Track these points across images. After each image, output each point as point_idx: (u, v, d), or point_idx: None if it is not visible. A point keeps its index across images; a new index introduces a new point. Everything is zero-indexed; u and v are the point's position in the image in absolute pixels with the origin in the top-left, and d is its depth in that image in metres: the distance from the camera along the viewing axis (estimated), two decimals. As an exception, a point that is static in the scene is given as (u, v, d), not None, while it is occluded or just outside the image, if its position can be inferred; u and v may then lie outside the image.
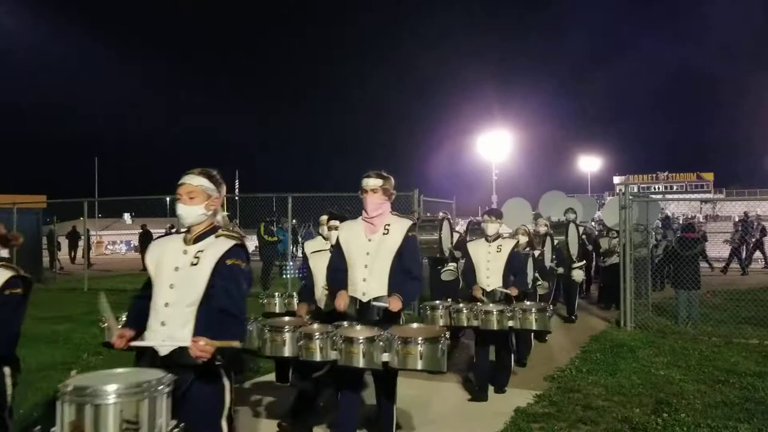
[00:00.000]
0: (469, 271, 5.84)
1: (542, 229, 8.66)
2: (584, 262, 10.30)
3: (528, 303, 5.50)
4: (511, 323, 5.21)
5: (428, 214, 10.22)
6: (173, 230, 4.17)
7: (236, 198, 25.64)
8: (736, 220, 19.44)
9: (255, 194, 15.23)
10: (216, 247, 2.76)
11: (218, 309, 2.67)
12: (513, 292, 5.61)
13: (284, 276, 14.42)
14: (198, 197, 2.82)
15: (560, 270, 9.05)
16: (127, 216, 41.96)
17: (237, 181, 50.22)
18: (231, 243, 2.79)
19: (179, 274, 2.73)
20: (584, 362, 6.77)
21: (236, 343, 2.59)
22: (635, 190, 57.32)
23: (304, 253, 5.05)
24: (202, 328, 2.65)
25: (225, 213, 3.05)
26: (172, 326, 2.68)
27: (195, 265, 2.73)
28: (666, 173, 68.82)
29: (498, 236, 5.76)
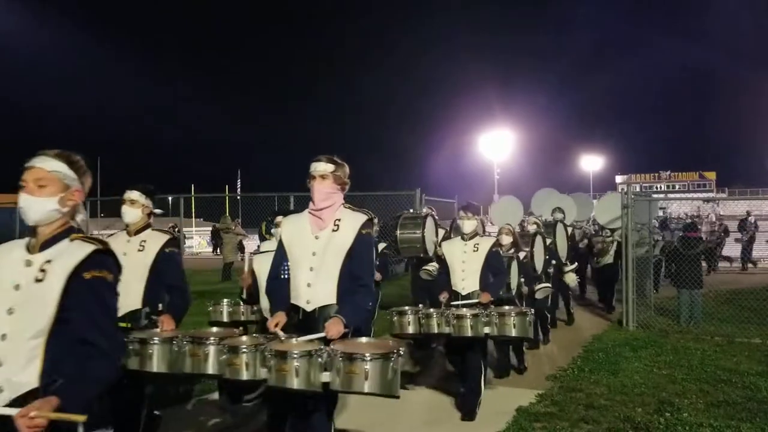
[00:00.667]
0: (442, 273, 5.36)
1: (532, 228, 8.25)
2: (576, 264, 9.86)
3: (507, 307, 5.08)
4: (487, 330, 4.75)
5: (411, 211, 9.39)
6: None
7: (238, 197, 25.80)
8: (713, 219, 19.66)
9: (257, 194, 15.21)
10: (69, 256, 2.04)
11: (77, 340, 1.99)
12: (484, 298, 5.02)
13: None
14: (50, 187, 2.09)
15: (550, 271, 8.52)
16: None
17: (239, 180, 50.37)
18: (89, 248, 2.06)
19: (21, 294, 2.01)
20: (586, 362, 6.77)
21: (81, 418, 1.83)
22: (637, 189, 57.20)
23: None
24: (51, 367, 1.96)
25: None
26: (10, 367, 1.96)
27: (41, 281, 2.00)
28: (668, 172, 68.65)
29: (475, 234, 5.26)
